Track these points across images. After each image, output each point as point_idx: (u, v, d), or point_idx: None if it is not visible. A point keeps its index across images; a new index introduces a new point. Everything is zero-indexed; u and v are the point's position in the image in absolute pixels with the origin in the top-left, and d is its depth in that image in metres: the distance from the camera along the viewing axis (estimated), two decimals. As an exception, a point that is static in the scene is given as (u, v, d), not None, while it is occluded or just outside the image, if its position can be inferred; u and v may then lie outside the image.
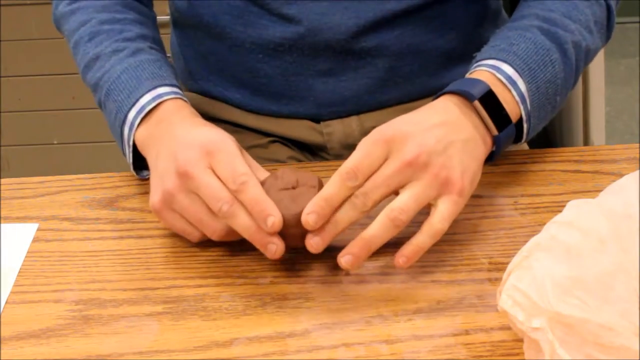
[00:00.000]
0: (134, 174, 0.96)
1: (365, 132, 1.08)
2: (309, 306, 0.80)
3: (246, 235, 0.81)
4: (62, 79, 2.14)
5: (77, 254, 0.88)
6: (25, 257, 0.88)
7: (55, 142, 2.24)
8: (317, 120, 1.09)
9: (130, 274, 0.85)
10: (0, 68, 2.15)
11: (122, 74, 0.95)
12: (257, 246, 0.81)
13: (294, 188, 0.83)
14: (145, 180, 0.97)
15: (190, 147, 0.84)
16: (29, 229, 0.91)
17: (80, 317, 0.80)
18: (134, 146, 0.93)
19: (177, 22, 1.14)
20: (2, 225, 0.92)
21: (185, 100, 0.95)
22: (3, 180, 0.99)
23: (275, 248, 0.80)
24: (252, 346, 0.76)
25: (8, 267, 0.87)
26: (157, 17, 1.10)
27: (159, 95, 0.93)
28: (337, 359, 0.74)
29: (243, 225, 0.81)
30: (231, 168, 0.81)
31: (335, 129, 1.09)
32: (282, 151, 1.10)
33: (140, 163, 0.95)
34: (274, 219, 0.79)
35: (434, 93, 1.09)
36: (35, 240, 0.90)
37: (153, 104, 0.92)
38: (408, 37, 1.04)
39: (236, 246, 0.86)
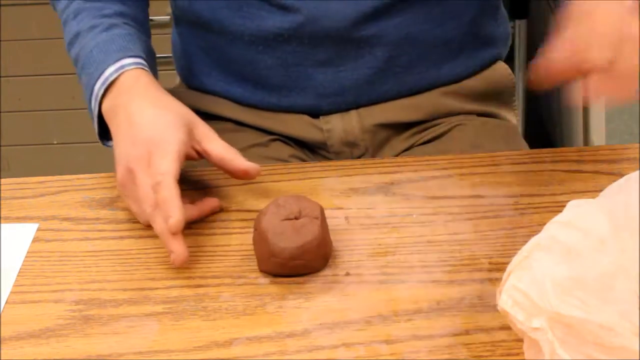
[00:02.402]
0: (101, 144, 0.99)
1: (365, 129, 1.09)
2: (308, 306, 0.80)
3: (160, 239, 0.84)
4: (62, 79, 2.14)
5: (77, 254, 0.88)
6: (25, 257, 0.88)
7: (55, 142, 2.23)
8: (316, 113, 1.09)
9: (130, 274, 0.85)
10: (0, 68, 2.15)
11: (94, 49, 0.98)
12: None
13: (296, 218, 0.83)
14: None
15: (138, 143, 0.88)
16: (29, 229, 0.91)
17: (80, 317, 0.80)
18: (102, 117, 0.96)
19: (179, 20, 1.15)
20: (2, 225, 0.92)
21: (145, 69, 0.97)
22: (3, 180, 0.99)
23: (174, 257, 0.83)
24: (252, 346, 0.76)
25: (8, 267, 0.87)
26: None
27: (122, 67, 0.96)
28: (337, 359, 0.74)
29: (158, 229, 0.84)
30: (155, 167, 0.85)
31: (335, 126, 1.09)
32: (283, 149, 1.10)
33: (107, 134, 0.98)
34: (173, 220, 0.82)
35: (432, 86, 1.09)
36: (35, 240, 0.90)
37: (115, 75, 0.95)
38: (407, 26, 1.04)
39: (236, 246, 0.87)
